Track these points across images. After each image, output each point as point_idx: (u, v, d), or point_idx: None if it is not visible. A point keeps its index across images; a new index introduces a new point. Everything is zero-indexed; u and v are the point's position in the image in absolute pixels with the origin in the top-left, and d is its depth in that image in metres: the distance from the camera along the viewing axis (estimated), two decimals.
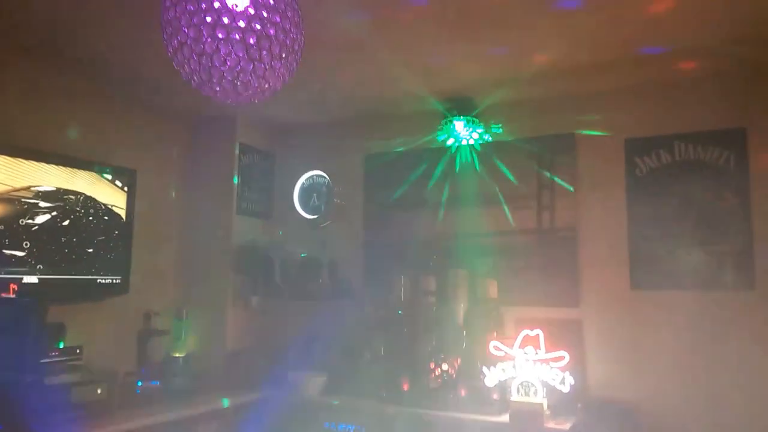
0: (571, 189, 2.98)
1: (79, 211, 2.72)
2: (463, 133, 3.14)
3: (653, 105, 2.84)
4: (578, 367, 2.70)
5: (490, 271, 3.04)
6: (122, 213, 2.93)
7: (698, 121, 2.74)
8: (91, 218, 2.78)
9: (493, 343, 2.73)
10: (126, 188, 2.94)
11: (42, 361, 2.46)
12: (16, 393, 2.34)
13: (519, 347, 2.66)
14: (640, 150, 2.85)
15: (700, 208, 2.72)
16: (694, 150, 2.76)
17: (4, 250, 2.44)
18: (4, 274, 2.43)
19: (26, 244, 2.51)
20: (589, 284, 2.89)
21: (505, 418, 2.62)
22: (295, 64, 1.61)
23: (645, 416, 2.64)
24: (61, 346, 2.61)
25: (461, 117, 3.10)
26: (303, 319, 3.41)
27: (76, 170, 2.72)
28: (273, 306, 3.49)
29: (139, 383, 2.86)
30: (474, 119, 3.12)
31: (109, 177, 2.87)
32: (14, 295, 2.46)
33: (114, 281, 2.88)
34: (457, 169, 3.25)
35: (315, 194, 3.45)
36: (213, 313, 3.37)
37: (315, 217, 3.43)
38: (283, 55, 1.52)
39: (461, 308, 2.98)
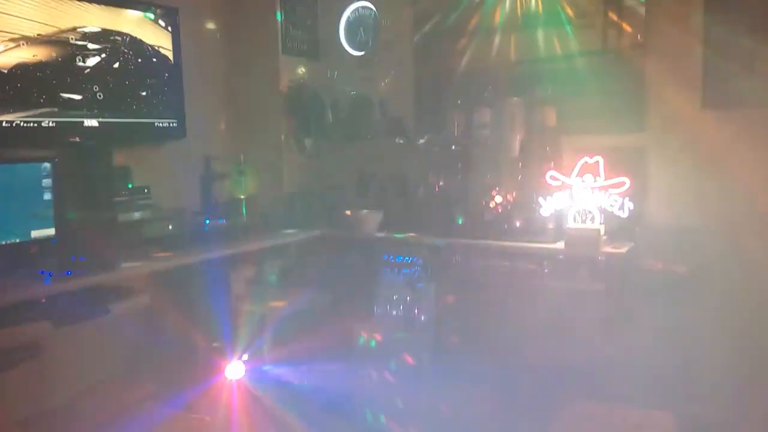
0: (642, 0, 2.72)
1: (127, 53, 2.70)
2: None
3: None
4: (639, 194, 2.64)
5: (549, 98, 2.90)
6: (169, 55, 2.89)
7: None
8: (140, 60, 2.76)
9: (550, 173, 2.68)
10: (170, 28, 2.88)
11: (114, 199, 2.61)
12: (93, 229, 2.51)
13: (577, 176, 2.61)
14: None
15: None
16: None
17: (62, 94, 2.48)
18: (66, 117, 2.49)
19: (82, 87, 2.53)
20: (655, 107, 2.73)
21: (560, 244, 2.65)
22: None
23: (706, 239, 2.60)
24: (130, 186, 2.73)
25: None
26: (357, 160, 3.43)
27: (119, 9, 2.66)
28: (326, 147, 3.51)
29: (207, 221, 3.00)
30: None
31: (152, 16, 2.80)
32: (79, 139, 2.55)
33: (171, 124, 2.92)
34: None
35: (362, 28, 3.29)
36: (268, 156, 3.42)
37: (363, 53, 3.30)
38: None
39: (517, 139, 2.90)
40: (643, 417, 1.68)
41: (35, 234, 2.31)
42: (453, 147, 3.07)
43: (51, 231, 2.35)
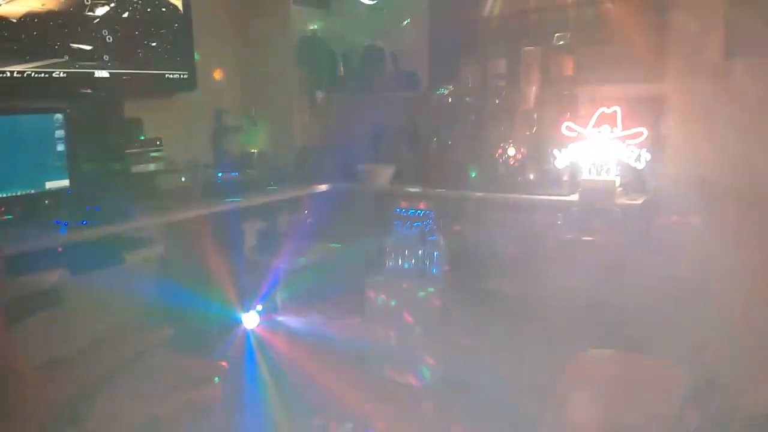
0: None
1: (136, 3, 2.66)
2: None
3: None
4: (656, 144, 2.59)
5: (566, 47, 2.83)
6: (179, 5, 2.84)
7: None
8: (149, 10, 2.72)
9: (565, 124, 2.64)
10: None
11: (126, 151, 2.61)
12: (107, 181, 2.53)
13: (593, 126, 2.57)
14: None
15: None
16: None
17: (72, 44, 2.45)
18: (76, 68, 2.47)
19: (92, 36, 2.50)
20: (676, 55, 2.64)
21: (574, 197, 2.62)
22: None
23: (723, 191, 2.55)
24: (142, 138, 2.73)
25: None
26: (369, 113, 3.39)
27: None
28: (338, 100, 3.46)
29: (219, 174, 3.01)
30: None
31: None
32: (90, 90, 2.53)
33: (181, 76, 2.89)
34: None
35: None
36: (279, 109, 3.40)
37: (375, 2, 3.22)
38: None
39: (532, 90, 2.83)
40: (655, 366, 1.69)
41: (50, 185, 2.33)
42: (467, 99, 3.02)
43: (65, 182, 2.37)
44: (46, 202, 2.31)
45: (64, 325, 1.96)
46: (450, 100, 3.06)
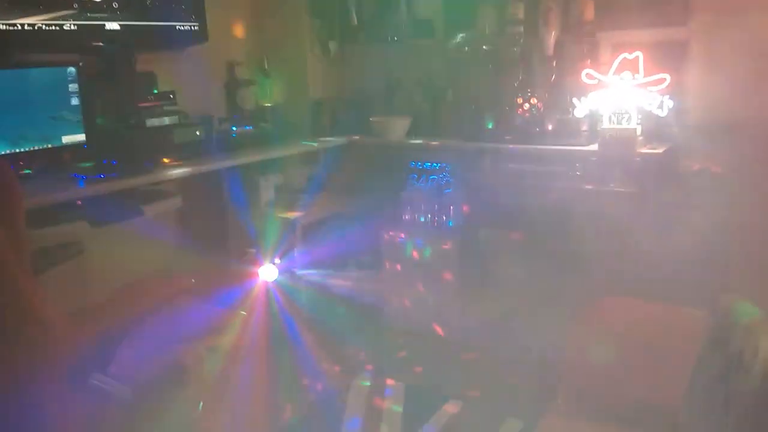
0: None
1: None
2: None
3: None
4: (679, 91, 2.52)
5: None
6: None
7: None
8: None
9: (585, 72, 2.57)
10: None
11: (140, 105, 2.60)
12: (123, 134, 2.53)
13: (615, 73, 2.50)
14: None
15: None
16: None
17: None
18: (87, 20, 2.44)
19: None
20: None
21: (593, 147, 2.58)
22: None
23: (746, 139, 2.49)
24: (155, 92, 2.71)
25: None
26: (383, 63, 3.33)
27: None
28: (352, 51, 3.40)
29: (234, 128, 2.99)
30: None
31: None
32: (102, 43, 2.51)
33: (192, 28, 2.84)
34: None
35: None
36: (293, 61, 3.34)
37: None
38: None
39: (552, 36, 2.75)
40: (674, 312, 1.68)
41: (66, 140, 2.33)
42: (484, 47, 2.94)
43: (81, 137, 2.37)
44: (64, 156, 2.33)
45: (86, 276, 1.99)
46: (466, 48, 2.99)
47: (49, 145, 2.28)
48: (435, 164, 3.13)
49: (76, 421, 1.23)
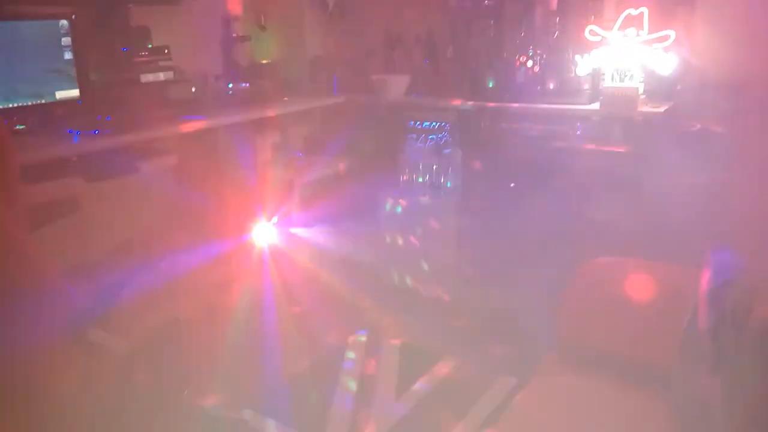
0: None
1: None
2: None
3: None
4: (684, 48, 2.47)
5: None
6: None
7: None
8: None
9: (589, 28, 2.52)
10: None
11: (134, 59, 2.55)
12: (117, 90, 2.49)
13: (619, 29, 2.45)
14: None
15: None
16: None
17: None
18: None
19: None
20: None
21: (595, 106, 2.55)
22: None
23: (750, 99, 2.45)
24: (150, 47, 2.65)
25: None
26: (382, 20, 3.26)
27: None
28: (350, 6, 3.32)
29: (230, 84, 2.94)
30: None
31: None
32: None
33: None
34: None
35: None
36: (290, 18, 3.27)
37: None
38: None
39: None
40: (668, 271, 1.68)
41: (60, 95, 2.30)
42: (485, 2, 2.87)
43: (76, 92, 2.34)
44: (58, 112, 2.29)
45: (82, 232, 1.99)
46: (467, 3, 2.92)
47: (43, 101, 2.25)
48: (434, 123, 3.09)
49: (72, 373, 1.24)
